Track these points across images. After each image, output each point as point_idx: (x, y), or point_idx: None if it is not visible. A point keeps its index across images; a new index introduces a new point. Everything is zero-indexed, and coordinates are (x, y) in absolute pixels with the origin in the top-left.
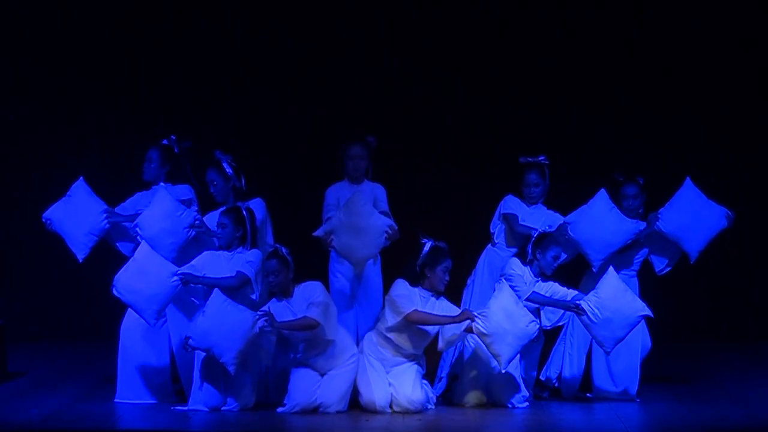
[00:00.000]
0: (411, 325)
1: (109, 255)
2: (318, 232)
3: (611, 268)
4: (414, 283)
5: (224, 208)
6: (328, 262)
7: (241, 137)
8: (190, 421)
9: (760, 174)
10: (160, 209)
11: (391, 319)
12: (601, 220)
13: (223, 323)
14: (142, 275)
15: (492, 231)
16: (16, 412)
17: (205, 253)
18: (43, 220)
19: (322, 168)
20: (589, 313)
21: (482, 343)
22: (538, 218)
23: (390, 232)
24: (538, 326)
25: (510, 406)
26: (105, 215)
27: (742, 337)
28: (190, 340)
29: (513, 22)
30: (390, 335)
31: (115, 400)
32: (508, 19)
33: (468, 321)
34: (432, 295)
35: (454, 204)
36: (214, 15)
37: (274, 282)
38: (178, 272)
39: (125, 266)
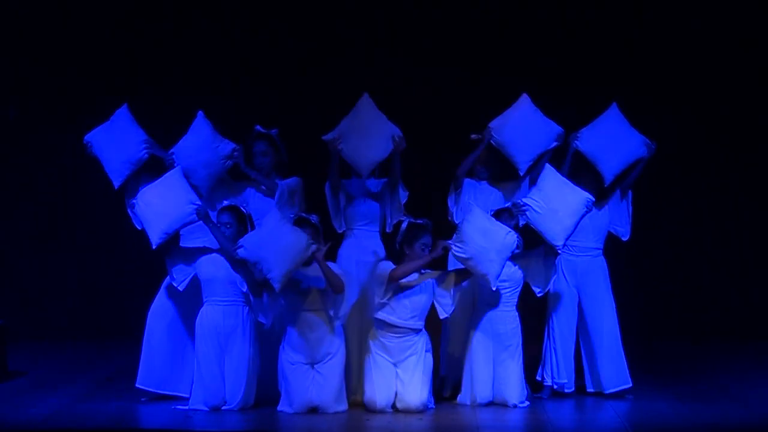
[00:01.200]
0: (400, 287)
1: (109, 255)
2: (327, 136)
3: (548, 165)
4: (396, 262)
5: (225, 204)
6: (337, 252)
7: (241, 137)
8: (191, 420)
9: (760, 174)
10: (198, 139)
11: (380, 292)
12: (525, 123)
13: (278, 240)
14: (163, 193)
15: (451, 212)
16: (16, 412)
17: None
18: (84, 142)
19: (323, 168)
20: (533, 207)
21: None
22: (488, 195)
23: (396, 139)
24: (516, 236)
25: (511, 405)
26: (145, 145)
27: (742, 337)
28: (242, 249)
29: (513, 22)
30: (384, 313)
31: (136, 385)
32: (508, 19)
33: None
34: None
35: None
36: (214, 15)
37: None
38: (197, 203)
39: (154, 183)
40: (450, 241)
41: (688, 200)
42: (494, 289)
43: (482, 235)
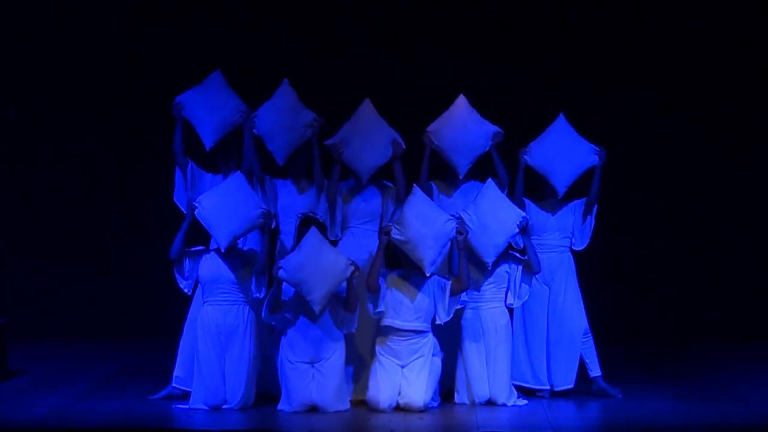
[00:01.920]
0: (383, 291)
1: (109, 255)
2: (329, 141)
3: (490, 180)
4: (392, 267)
5: None
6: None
7: (241, 137)
8: (191, 419)
9: (760, 174)
10: (281, 104)
11: (371, 307)
12: (461, 125)
13: (318, 262)
14: (228, 197)
15: None
16: (16, 411)
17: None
18: (175, 102)
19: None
20: (467, 221)
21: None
22: (466, 193)
23: (395, 144)
24: (455, 224)
25: (500, 404)
26: (242, 108)
27: (742, 337)
28: (282, 271)
29: (513, 22)
30: (389, 318)
31: (172, 384)
32: (508, 19)
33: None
34: (411, 274)
35: None
36: (214, 15)
37: None
38: (264, 207)
39: (213, 189)
40: (390, 224)
41: (688, 200)
42: (428, 275)
43: (421, 221)
